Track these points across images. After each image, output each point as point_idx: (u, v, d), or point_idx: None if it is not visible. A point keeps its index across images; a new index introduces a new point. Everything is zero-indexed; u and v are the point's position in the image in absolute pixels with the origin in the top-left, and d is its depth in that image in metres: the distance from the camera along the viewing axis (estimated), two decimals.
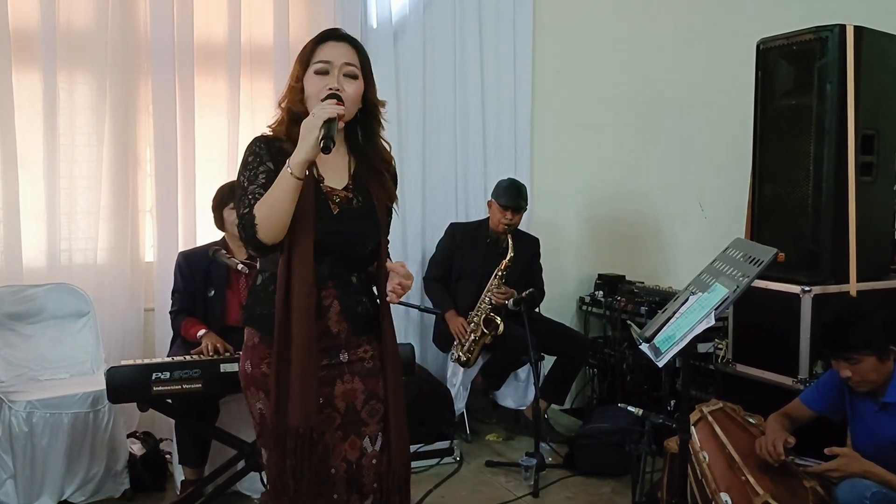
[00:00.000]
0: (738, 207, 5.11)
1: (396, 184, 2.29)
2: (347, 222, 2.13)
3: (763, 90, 3.79)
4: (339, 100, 2.05)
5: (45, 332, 3.87)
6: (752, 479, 2.75)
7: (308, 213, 2.04)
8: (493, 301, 4.29)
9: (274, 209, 1.99)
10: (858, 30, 3.48)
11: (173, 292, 3.72)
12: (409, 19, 4.70)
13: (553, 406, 4.74)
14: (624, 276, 5.15)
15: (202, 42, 4.29)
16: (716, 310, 2.16)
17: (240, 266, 3.34)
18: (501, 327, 4.26)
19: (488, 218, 4.51)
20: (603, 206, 5.33)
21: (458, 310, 4.41)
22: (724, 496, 2.76)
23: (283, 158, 2.02)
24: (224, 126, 4.36)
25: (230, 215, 3.60)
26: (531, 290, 4.27)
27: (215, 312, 3.62)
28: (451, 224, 4.62)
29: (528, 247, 4.56)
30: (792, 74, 3.68)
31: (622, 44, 5.26)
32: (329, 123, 1.96)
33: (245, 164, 2.12)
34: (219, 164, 4.37)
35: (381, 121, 2.22)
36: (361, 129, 2.21)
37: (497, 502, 3.68)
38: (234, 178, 4.11)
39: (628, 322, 4.23)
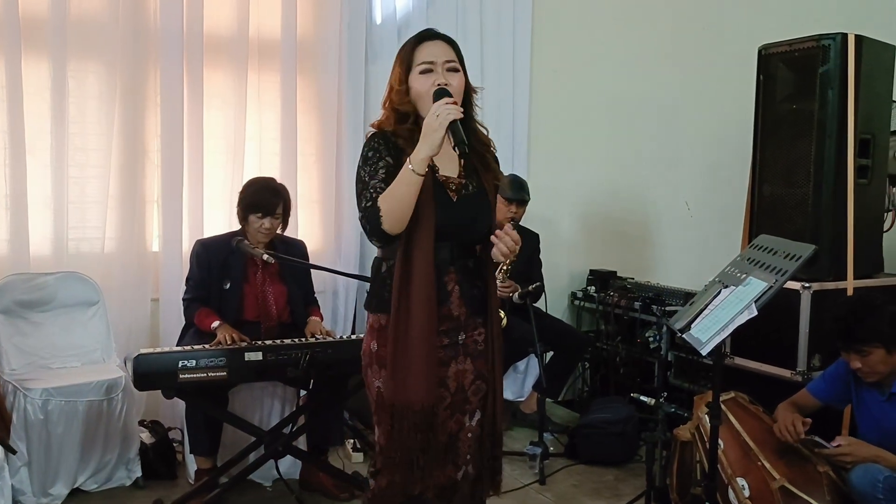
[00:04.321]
0: (724, 207, 5.29)
1: (498, 164, 2.40)
2: (465, 208, 2.24)
3: (764, 94, 3.94)
4: (448, 94, 2.15)
5: (56, 320, 3.87)
6: (767, 465, 2.89)
7: (427, 201, 2.14)
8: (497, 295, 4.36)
9: (397, 203, 2.10)
10: (859, 38, 3.65)
11: (187, 279, 3.72)
12: (412, 16, 4.77)
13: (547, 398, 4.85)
14: (615, 272, 5.29)
15: (211, 34, 4.31)
16: (755, 301, 2.28)
17: (265, 256, 3.37)
18: (505, 321, 4.33)
19: None
20: (595, 204, 5.47)
21: None
22: (741, 481, 2.89)
23: (400, 153, 2.13)
24: (231, 118, 4.38)
25: (255, 222, 3.58)
26: (537, 283, 4.38)
27: (231, 305, 3.61)
28: None
29: (530, 241, 4.66)
30: (793, 79, 3.83)
31: (618, 46, 5.40)
32: (455, 126, 2.07)
33: (365, 159, 2.21)
34: (225, 156, 4.40)
35: (476, 105, 2.33)
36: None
37: (505, 490, 3.76)
38: (238, 170, 4.22)
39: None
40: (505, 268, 4.36)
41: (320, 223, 4.69)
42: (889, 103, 3.95)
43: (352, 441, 4.20)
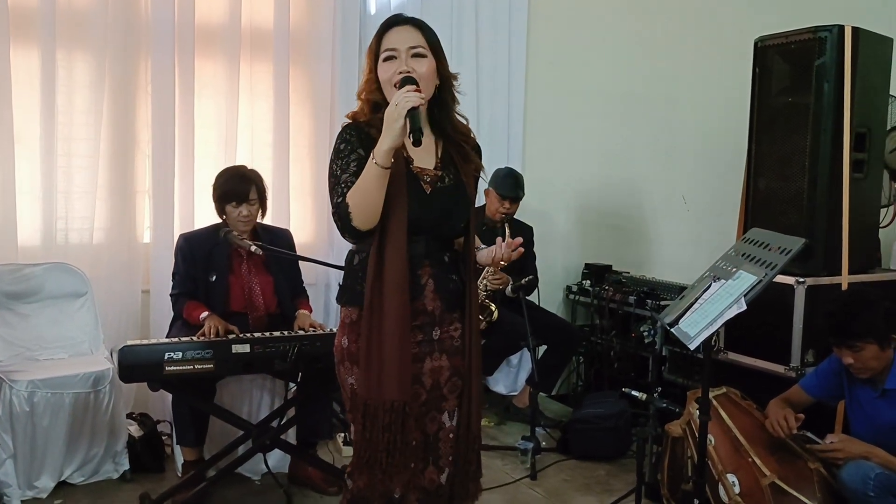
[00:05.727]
0: (721, 201, 5.26)
1: (480, 155, 2.33)
2: (440, 201, 2.18)
3: (760, 87, 3.89)
4: (414, 82, 2.07)
5: (43, 311, 3.84)
6: (758, 461, 2.86)
7: (400, 193, 2.08)
8: (488, 287, 4.34)
9: (364, 197, 2.04)
10: (856, 31, 3.60)
11: (174, 274, 3.68)
12: (407, 8, 4.70)
13: (540, 393, 4.82)
14: (611, 266, 5.25)
15: (203, 24, 4.26)
16: (745, 295, 2.25)
17: (253, 247, 3.33)
18: (496, 314, 4.31)
19: (484, 205, 4.56)
20: (591, 197, 5.43)
21: None
22: (732, 477, 2.86)
23: (373, 144, 2.06)
24: (223, 108, 4.34)
25: (232, 212, 3.56)
26: (530, 276, 4.34)
27: (217, 298, 3.58)
28: None
29: (523, 234, 4.57)
30: (789, 72, 3.78)
31: (614, 38, 5.36)
32: (413, 113, 1.98)
33: (337, 152, 2.15)
34: (216, 147, 4.35)
35: (456, 94, 2.25)
36: (437, 105, 2.22)
37: (496, 485, 3.75)
38: (231, 161, 4.18)
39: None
40: None
41: (313, 215, 4.66)
42: (886, 96, 3.91)
43: (342, 435, 4.17)
